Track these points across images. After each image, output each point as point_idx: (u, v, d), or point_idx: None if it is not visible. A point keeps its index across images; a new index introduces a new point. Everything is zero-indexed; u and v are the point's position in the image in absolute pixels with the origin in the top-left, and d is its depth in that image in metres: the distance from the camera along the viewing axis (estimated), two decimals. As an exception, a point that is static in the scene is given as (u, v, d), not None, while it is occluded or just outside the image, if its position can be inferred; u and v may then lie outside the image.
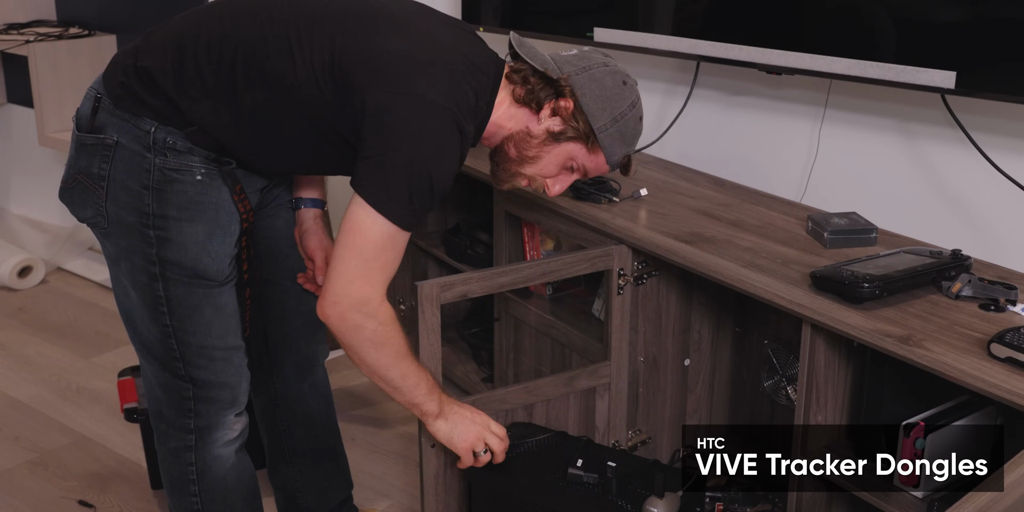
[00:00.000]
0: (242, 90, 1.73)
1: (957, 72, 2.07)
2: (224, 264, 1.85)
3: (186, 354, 1.87)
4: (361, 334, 1.77)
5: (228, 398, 1.94)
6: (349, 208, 1.72)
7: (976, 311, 1.78)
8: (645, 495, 1.89)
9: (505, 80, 1.84)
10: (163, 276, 1.81)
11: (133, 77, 1.77)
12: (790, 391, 2.29)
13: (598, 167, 1.89)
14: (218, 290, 1.86)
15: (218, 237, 1.82)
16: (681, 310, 2.35)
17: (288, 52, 1.72)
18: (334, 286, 1.75)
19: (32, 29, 3.69)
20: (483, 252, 2.81)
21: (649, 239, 2.15)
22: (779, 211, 2.31)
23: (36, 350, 3.34)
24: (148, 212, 1.78)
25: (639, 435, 2.35)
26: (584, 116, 1.82)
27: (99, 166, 1.78)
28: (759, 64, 2.40)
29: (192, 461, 1.96)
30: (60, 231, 4.06)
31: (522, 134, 1.85)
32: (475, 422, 1.94)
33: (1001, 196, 2.20)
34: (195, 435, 1.94)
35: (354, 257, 1.73)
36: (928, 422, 1.76)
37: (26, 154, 4.13)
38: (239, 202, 1.84)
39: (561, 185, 1.91)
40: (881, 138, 2.41)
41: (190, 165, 1.77)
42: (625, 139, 1.87)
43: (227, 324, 1.89)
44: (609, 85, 1.83)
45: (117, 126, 1.77)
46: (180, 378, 1.90)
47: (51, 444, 2.80)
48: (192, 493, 1.98)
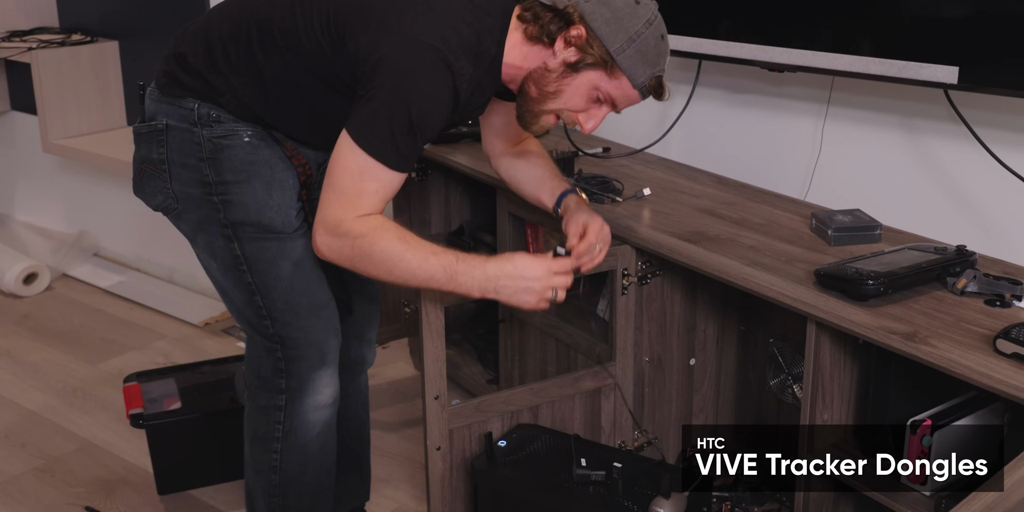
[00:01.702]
0: (261, 59, 1.81)
1: (960, 67, 2.05)
2: (290, 216, 1.90)
3: (272, 310, 1.94)
4: (344, 253, 1.79)
5: (317, 356, 1.99)
6: (336, 144, 1.76)
7: (982, 307, 1.77)
8: (651, 495, 1.88)
9: (516, 20, 1.82)
10: (236, 237, 1.90)
11: (172, 63, 1.89)
12: (796, 389, 2.28)
13: (625, 94, 1.82)
14: (291, 243, 1.91)
15: (277, 191, 1.88)
16: (686, 309, 2.34)
17: (292, 14, 1.79)
18: (316, 220, 1.79)
19: (35, 36, 3.70)
20: (487, 254, 2.80)
21: (653, 239, 2.14)
22: (783, 209, 2.30)
23: (42, 357, 3.34)
24: (209, 181, 1.87)
25: (645, 435, 2.34)
26: (598, 40, 1.77)
27: (157, 151, 1.89)
28: (761, 62, 2.39)
29: (280, 419, 2.02)
30: (65, 237, 4.06)
31: (540, 70, 1.82)
32: (532, 278, 1.82)
33: (1005, 191, 2.18)
34: (287, 395, 2.00)
35: (329, 187, 1.77)
36: (935, 419, 1.75)
37: (30, 161, 4.14)
38: (292, 156, 1.90)
39: (595, 120, 1.85)
40: (884, 134, 2.40)
41: (236, 130, 1.86)
42: (647, 59, 1.79)
43: (308, 277, 1.94)
44: (619, 5, 1.78)
45: (165, 111, 1.87)
46: (269, 338, 1.97)
47: (57, 451, 2.80)
48: (274, 450, 2.04)
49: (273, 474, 2.08)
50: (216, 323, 3.55)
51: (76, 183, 4.08)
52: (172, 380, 2.65)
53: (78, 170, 4.03)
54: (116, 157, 3.47)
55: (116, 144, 3.61)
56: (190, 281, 3.82)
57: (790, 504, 2.10)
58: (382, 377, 3.15)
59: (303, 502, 2.11)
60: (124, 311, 3.68)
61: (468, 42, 1.75)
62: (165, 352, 3.36)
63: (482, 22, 1.78)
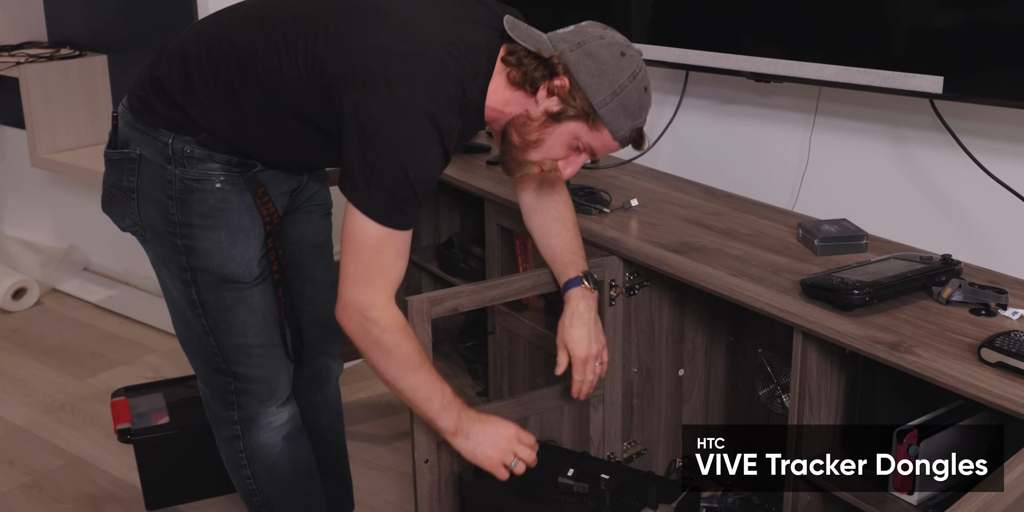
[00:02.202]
0: (240, 91, 1.78)
1: (945, 77, 2.06)
2: (251, 266, 1.90)
3: (224, 351, 1.96)
4: (368, 339, 1.79)
5: (266, 392, 2.01)
6: (345, 211, 1.75)
7: (967, 316, 1.77)
8: (639, 507, 1.87)
9: (500, 63, 1.79)
10: (194, 281, 1.89)
11: (148, 88, 1.85)
12: (785, 399, 2.27)
13: (605, 144, 1.81)
14: (249, 291, 1.92)
15: (242, 241, 1.88)
16: (674, 320, 2.33)
17: (276, 52, 1.75)
18: (342, 291, 1.78)
19: (23, 51, 3.70)
20: (476, 266, 2.80)
21: (640, 249, 2.14)
22: (770, 219, 2.30)
23: (30, 372, 3.32)
24: (174, 221, 1.85)
25: (634, 447, 2.33)
26: (582, 93, 1.75)
27: (127, 179, 1.86)
28: (747, 72, 2.40)
29: (241, 448, 2.06)
30: (54, 252, 4.05)
31: (522, 118, 1.80)
32: (501, 435, 1.90)
33: (991, 200, 2.19)
34: (240, 426, 2.04)
35: (353, 262, 1.76)
36: (921, 428, 1.74)
37: (18, 175, 4.13)
38: (261, 205, 1.88)
39: (573, 167, 1.84)
40: (872, 144, 2.41)
41: (209, 174, 1.83)
42: (629, 112, 1.78)
43: (262, 323, 1.96)
44: (605, 58, 1.76)
45: (139, 140, 1.84)
46: (221, 373, 1.98)
47: (45, 466, 2.78)
48: (246, 476, 2.09)
49: (254, 497, 2.12)
50: (206, 337, 3.54)
51: (65, 197, 4.08)
52: (160, 395, 2.64)
53: (67, 184, 4.03)
54: (105, 171, 3.46)
55: (105, 158, 3.60)
56: (180, 295, 3.81)
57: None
58: (371, 390, 3.14)
59: None
60: (113, 325, 3.67)
61: (454, 96, 1.72)
62: (154, 366, 3.35)
63: (465, 70, 1.74)
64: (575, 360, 2.03)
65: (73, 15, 3.76)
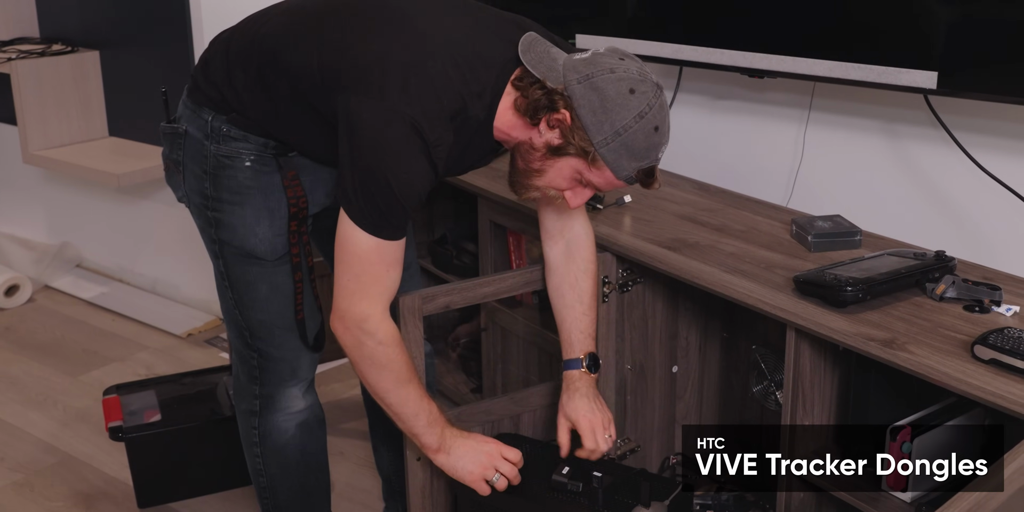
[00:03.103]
0: (270, 81, 1.82)
1: (939, 72, 2.05)
2: (274, 245, 1.92)
3: (250, 326, 1.99)
4: (362, 351, 1.80)
5: (287, 371, 2.03)
6: (339, 218, 1.76)
7: (960, 313, 1.76)
8: (632, 505, 1.86)
9: (511, 86, 1.75)
10: (222, 255, 1.94)
11: (199, 69, 1.92)
12: (779, 396, 2.27)
13: (608, 182, 1.74)
14: (273, 270, 1.93)
15: (265, 219, 1.90)
16: (668, 316, 2.33)
17: (296, 46, 1.79)
18: (337, 301, 1.79)
19: (14, 46, 3.67)
20: (470, 262, 2.79)
21: (633, 246, 2.13)
22: (764, 215, 2.29)
23: (22, 369, 3.31)
24: (208, 195, 1.91)
25: (628, 443, 2.32)
26: (582, 131, 1.68)
27: (176, 153, 1.93)
28: (741, 68, 2.39)
29: (256, 425, 2.08)
30: (47, 249, 4.04)
31: (526, 145, 1.76)
32: (481, 451, 1.90)
33: (985, 196, 2.18)
34: (260, 401, 2.06)
35: (346, 272, 1.77)
36: (915, 425, 1.74)
37: (10, 172, 4.11)
38: (289, 188, 1.89)
39: (579, 199, 1.80)
40: (866, 140, 2.40)
41: (240, 152, 1.87)
42: (634, 153, 1.69)
43: (285, 302, 1.97)
44: (611, 95, 1.67)
45: (187, 116, 1.91)
46: (248, 347, 2.01)
47: (37, 465, 2.77)
48: (256, 454, 2.10)
49: (260, 477, 2.14)
50: (199, 334, 3.53)
51: (58, 194, 4.06)
52: (152, 392, 2.63)
53: (60, 181, 4.01)
54: (98, 168, 3.44)
55: (98, 155, 3.59)
56: (173, 291, 3.80)
57: (772, 510, 2.09)
58: (365, 387, 3.13)
59: (294, 503, 2.15)
60: (106, 322, 3.66)
61: (450, 110, 1.70)
62: (147, 363, 3.34)
63: (470, 86, 1.71)
64: (583, 430, 1.98)
65: (65, 10, 3.74)
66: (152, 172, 3.38)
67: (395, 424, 1.90)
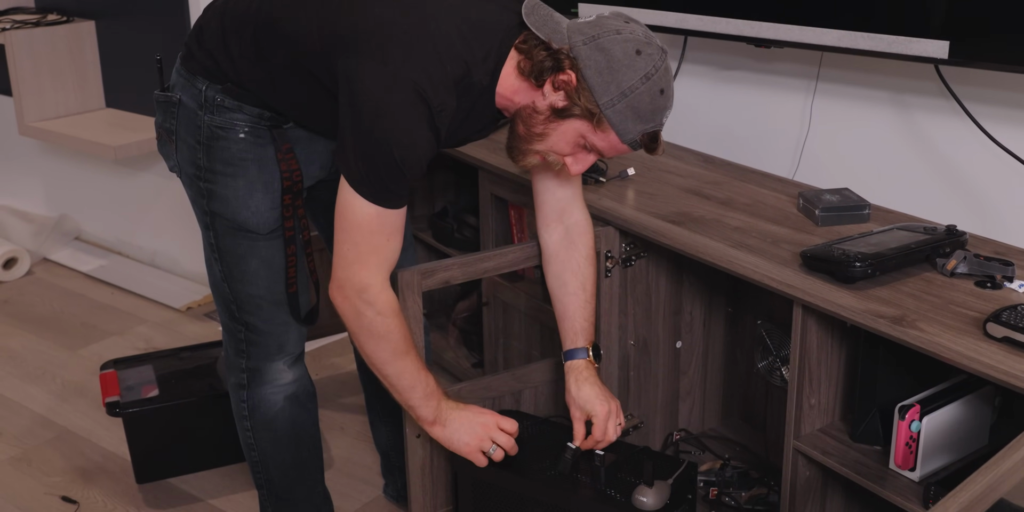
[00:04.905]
0: (267, 50, 1.79)
1: (950, 42, 2.00)
2: (266, 218, 1.90)
3: (238, 299, 1.97)
4: (360, 321, 1.77)
5: (274, 346, 2.01)
6: (339, 186, 1.73)
7: (972, 289, 1.72)
8: (634, 483, 1.83)
9: (514, 50, 1.72)
10: (212, 226, 1.92)
11: (192, 36, 1.89)
12: (784, 372, 2.23)
13: (613, 146, 1.71)
14: (264, 243, 1.91)
15: (259, 192, 1.88)
16: (672, 291, 2.29)
17: (295, 13, 1.75)
18: (336, 270, 1.77)
19: (9, 17, 3.62)
20: (471, 236, 2.75)
21: (636, 220, 2.09)
22: (770, 188, 2.24)
23: (21, 343, 3.28)
24: (200, 165, 1.88)
25: (631, 420, 2.29)
26: (588, 91, 1.65)
27: (169, 121, 1.90)
28: (748, 37, 2.34)
29: (244, 399, 2.07)
30: (46, 221, 4.01)
31: (529, 109, 1.73)
32: (477, 422, 1.88)
33: (998, 168, 2.14)
34: (247, 375, 2.05)
35: (346, 240, 1.74)
36: (924, 404, 1.70)
37: (7, 144, 4.07)
38: (282, 161, 1.87)
39: (581, 164, 1.77)
40: (875, 111, 2.35)
41: (234, 123, 1.84)
42: (640, 115, 1.66)
43: (275, 276, 1.95)
44: (618, 55, 1.64)
45: (181, 85, 1.88)
46: (235, 320, 2.00)
47: (35, 440, 2.75)
48: (246, 427, 2.10)
49: (252, 451, 2.12)
50: (198, 307, 3.50)
51: (56, 166, 4.02)
52: (150, 367, 2.60)
53: (58, 153, 3.97)
54: (94, 139, 3.40)
55: (95, 126, 3.54)
56: (172, 264, 3.77)
57: (777, 488, 2.06)
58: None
59: (287, 477, 2.14)
60: (105, 295, 3.63)
61: (454, 75, 1.66)
62: (146, 337, 3.31)
63: (473, 51, 1.68)
64: (597, 419, 1.93)
65: (60, -21, 3.69)
66: (150, 144, 3.33)
67: (392, 396, 1.88)
